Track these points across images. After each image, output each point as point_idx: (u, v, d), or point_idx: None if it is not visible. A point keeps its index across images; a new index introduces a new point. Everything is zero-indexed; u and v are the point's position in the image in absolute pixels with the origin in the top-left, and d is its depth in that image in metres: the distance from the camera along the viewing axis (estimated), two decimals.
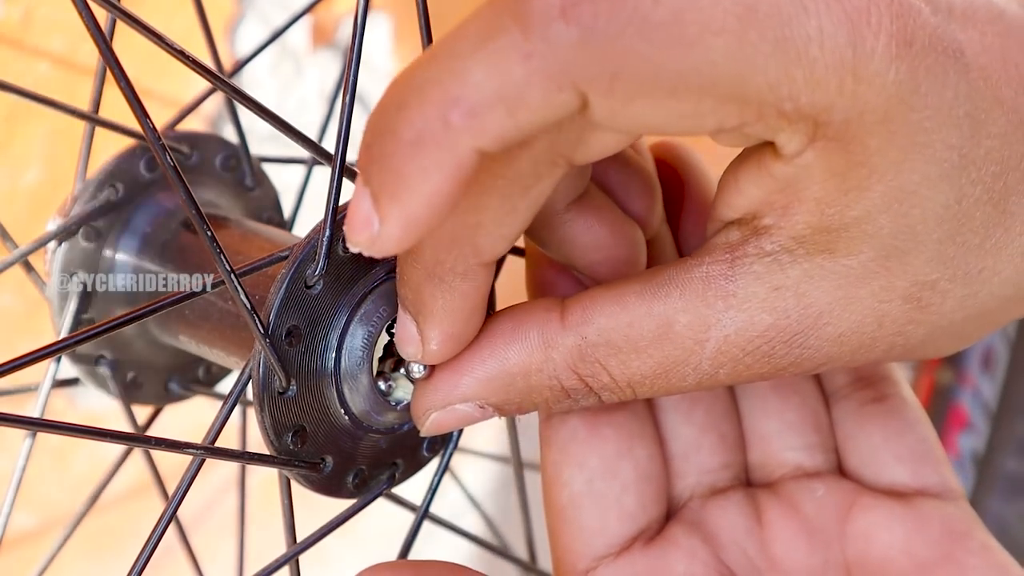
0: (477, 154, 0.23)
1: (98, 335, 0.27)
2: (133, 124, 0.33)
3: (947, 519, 0.32)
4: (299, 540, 0.32)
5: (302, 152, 0.35)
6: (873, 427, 0.33)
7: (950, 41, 0.25)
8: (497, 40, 0.23)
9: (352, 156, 0.32)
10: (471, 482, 0.51)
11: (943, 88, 0.25)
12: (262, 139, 0.51)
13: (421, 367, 0.30)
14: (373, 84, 0.71)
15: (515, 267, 0.35)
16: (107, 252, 0.37)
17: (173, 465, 0.41)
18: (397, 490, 0.35)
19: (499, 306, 0.35)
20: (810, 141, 0.25)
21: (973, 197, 0.26)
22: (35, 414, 0.37)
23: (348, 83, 0.30)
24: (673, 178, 0.35)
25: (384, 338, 0.32)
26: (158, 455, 0.39)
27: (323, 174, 0.44)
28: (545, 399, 0.29)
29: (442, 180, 0.23)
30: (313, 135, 0.34)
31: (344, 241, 0.31)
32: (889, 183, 0.25)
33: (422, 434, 0.31)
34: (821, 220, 0.26)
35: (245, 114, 0.35)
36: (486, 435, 0.61)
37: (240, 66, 0.41)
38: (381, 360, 0.32)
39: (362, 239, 0.24)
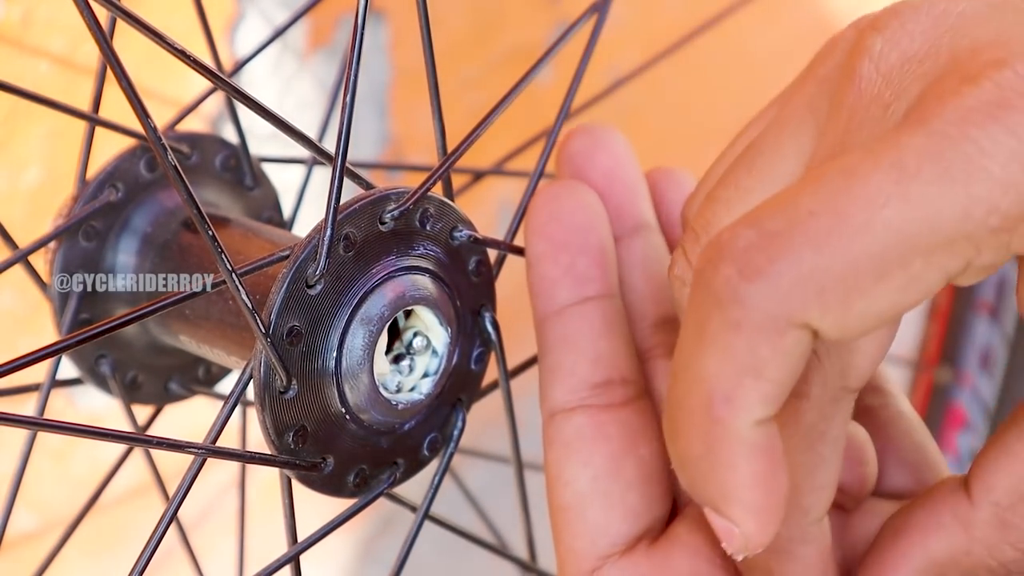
0: (758, 425, 0.25)
1: (98, 335, 0.28)
2: (134, 124, 0.33)
3: None
4: (299, 540, 0.32)
5: (302, 152, 0.35)
6: (872, 433, 0.33)
7: None
8: (707, 329, 0.24)
9: (352, 156, 0.32)
10: (471, 482, 0.51)
11: None
12: (262, 139, 0.51)
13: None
14: (372, 85, 0.71)
15: (517, 266, 0.35)
16: (107, 252, 0.38)
17: (173, 465, 0.41)
18: (397, 490, 0.35)
19: (499, 303, 0.35)
20: None
21: None
22: (35, 414, 0.37)
23: (348, 83, 0.30)
24: None
25: (384, 338, 0.32)
26: (158, 455, 0.39)
27: (323, 174, 0.44)
28: None
29: (750, 465, 0.25)
30: (313, 135, 0.34)
31: (345, 240, 0.31)
32: None
33: None
34: None
35: (245, 114, 0.35)
36: (486, 435, 0.61)
37: (240, 66, 0.41)
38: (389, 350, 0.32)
39: (737, 546, 0.26)
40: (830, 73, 0.28)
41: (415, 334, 0.33)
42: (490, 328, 0.35)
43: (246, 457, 0.31)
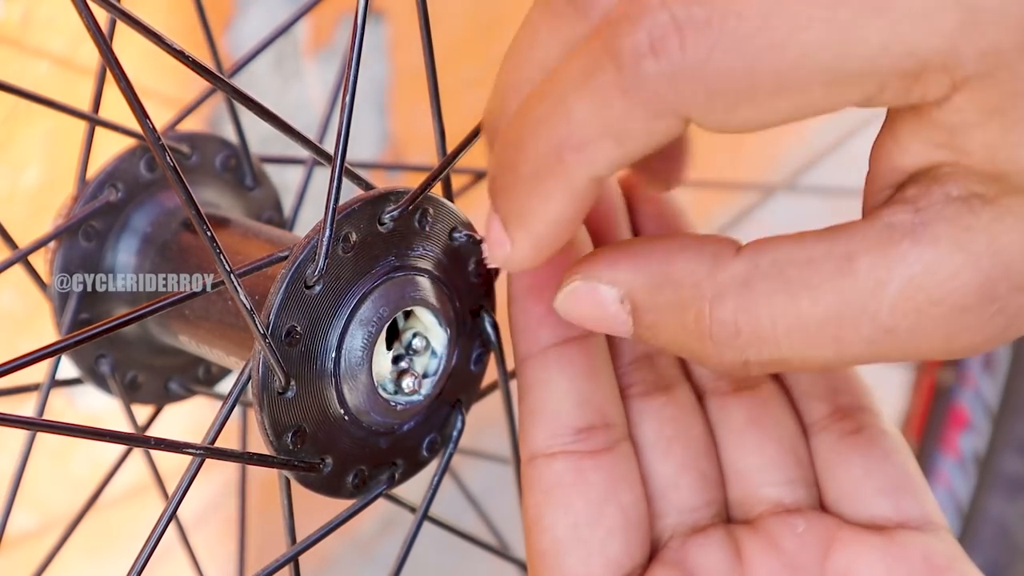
0: (591, 181, 0.26)
1: (98, 335, 0.28)
2: (133, 124, 0.33)
3: (929, 552, 0.31)
4: (299, 540, 0.32)
5: (302, 152, 0.35)
6: (853, 459, 0.33)
7: None
8: (596, 78, 0.25)
9: (352, 156, 0.32)
10: (471, 482, 0.51)
11: None
12: (262, 139, 0.51)
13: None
14: (372, 85, 0.71)
15: None
16: (107, 252, 0.38)
17: (173, 465, 0.41)
18: (397, 490, 0.35)
19: (498, 304, 0.35)
20: (953, 86, 0.24)
21: None
22: (35, 414, 0.37)
23: (348, 83, 0.30)
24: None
25: (384, 339, 0.32)
26: (158, 455, 0.39)
27: (323, 174, 0.44)
28: (685, 328, 0.27)
29: (563, 208, 0.26)
30: (313, 135, 0.34)
31: (344, 241, 0.31)
32: None
33: (554, 303, 0.29)
34: (996, 166, 0.25)
35: (245, 114, 0.35)
36: (486, 435, 0.61)
37: (240, 66, 0.41)
38: (389, 348, 0.32)
39: (498, 257, 0.28)
40: None
41: (414, 335, 0.33)
42: (489, 329, 0.35)
43: (245, 458, 0.31)
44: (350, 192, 0.31)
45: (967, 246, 0.25)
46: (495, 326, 0.35)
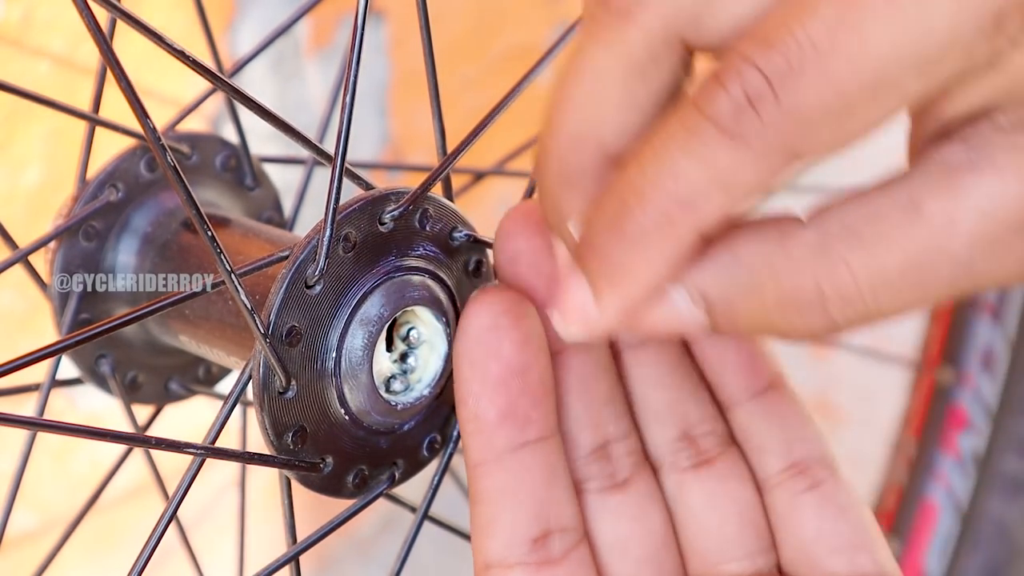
0: (697, 236, 0.26)
1: (98, 335, 0.28)
2: (133, 124, 0.33)
3: None
4: (299, 540, 0.32)
5: (302, 152, 0.35)
6: (807, 519, 0.33)
7: None
8: (699, 136, 0.25)
9: (352, 156, 0.32)
10: None
11: None
12: (262, 139, 0.51)
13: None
14: (372, 85, 0.71)
15: None
16: (107, 252, 0.38)
17: (173, 465, 0.41)
18: (397, 490, 0.35)
19: None
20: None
21: None
22: (35, 414, 0.37)
23: (348, 83, 0.30)
24: None
25: (384, 339, 0.32)
26: (158, 455, 0.39)
27: (323, 174, 0.44)
28: (764, 306, 0.27)
29: (664, 267, 0.27)
30: (313, 135, 0.34)
31: (344, 240, 0.31)
32: None
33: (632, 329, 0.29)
34: None
35: (245, 114, 0.35)
36: None
37: (240, 66, 0.41)
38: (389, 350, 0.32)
39: (579, 324, 0.28)
40: None
41: (410, 328, 0.33)
42: None
43: (245, 457, 0.31)
44: (350, 192, 0.31)
45: None
46: None
